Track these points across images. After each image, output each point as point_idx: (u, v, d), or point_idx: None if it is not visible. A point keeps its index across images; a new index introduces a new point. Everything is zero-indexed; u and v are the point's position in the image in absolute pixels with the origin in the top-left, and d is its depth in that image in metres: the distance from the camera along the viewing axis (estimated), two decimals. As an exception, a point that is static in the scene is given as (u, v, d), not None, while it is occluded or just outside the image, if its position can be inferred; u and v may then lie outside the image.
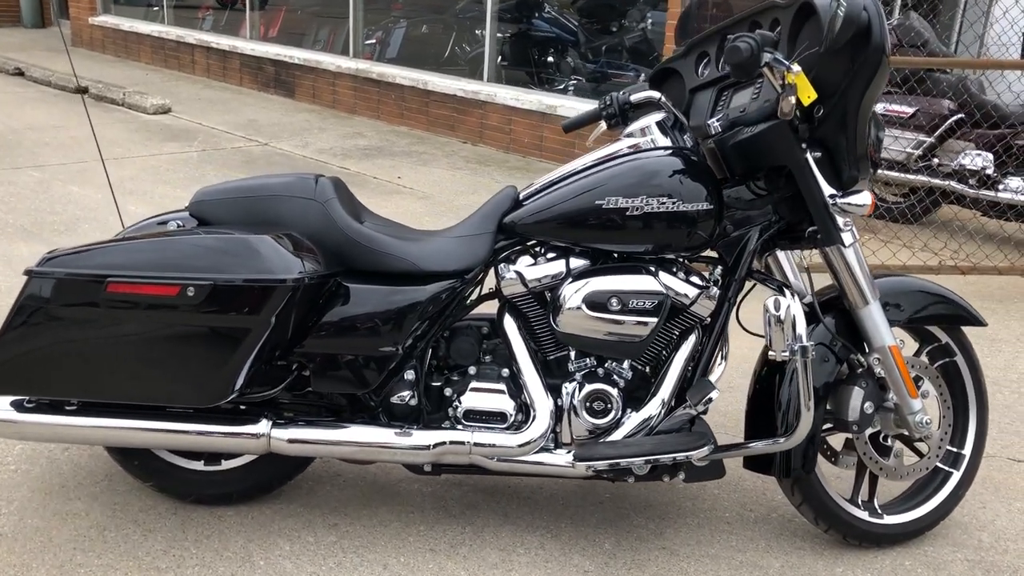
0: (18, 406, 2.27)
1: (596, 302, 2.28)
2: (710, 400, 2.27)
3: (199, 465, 2.52)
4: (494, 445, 2.31)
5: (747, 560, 2.44)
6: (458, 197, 6.02)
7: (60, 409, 2.27)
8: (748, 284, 2.44)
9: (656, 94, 2.54)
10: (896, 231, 5.65)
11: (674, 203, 2.25)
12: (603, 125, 2.68)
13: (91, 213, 5.21)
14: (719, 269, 2.40)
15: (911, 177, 5.59)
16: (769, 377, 2.43)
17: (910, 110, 5.58)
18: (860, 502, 2.49)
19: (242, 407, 2.36)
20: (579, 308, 2.28)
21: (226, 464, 2.52)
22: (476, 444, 2.31)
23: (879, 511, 2.51)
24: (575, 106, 6.93)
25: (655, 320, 2.27)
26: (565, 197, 2.31)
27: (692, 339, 2.38)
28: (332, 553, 2.38)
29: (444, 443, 2.31)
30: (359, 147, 7.39)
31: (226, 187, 2.40)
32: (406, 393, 2.36)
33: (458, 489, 2.70)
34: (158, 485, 2.52)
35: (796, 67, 2.01)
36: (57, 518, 2.46)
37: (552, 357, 2.44)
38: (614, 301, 2.27)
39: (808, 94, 2.02)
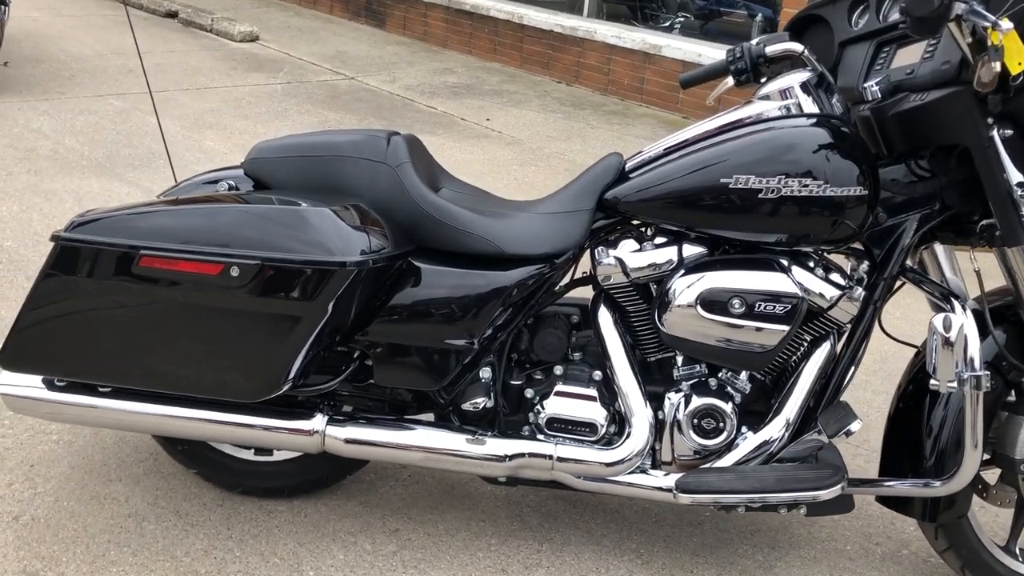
0: (49, 384, 2.02)
1: (714, 302, 1.89)
2: (849, 433, 1.87)
3: (249, 455, 2.25)
4: (581, 461, 1.97)
5: (873, 610, 2.07)
6: (549, 143, 5.61)
7: (95, 390, 2.02)
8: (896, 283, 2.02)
9: (798, 46, 2.08)
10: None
11: (819, 186, 1.83)
12: (729, 81, 2.25)
13: (168, 148, 4.97)
14: (864, 265, 1.98)
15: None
16: (917, 400, 2.01)
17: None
18: (1018, 551, 2.08)
19: (297, 397, 2.07)
20: (692, 307, 1.90)
21: (278, 455, 2.25)
22: (560, 459, 1.97)
23: (1041, 563, 2.09)
24: (681, 47, 6.39)
25: (786, 328, 1.87)
26: (682, 171, 1.91)
27: (826, 348, 1.98)
28: (391, 566, 2.10)
29: (523, 455, 1.98)
30: (448, 84, 7.01)
31: (286, 143, 2.07)
32: (481, 392, 2.02)
33: (536, 495, 2.38)
34: (204, 473, 2.27)
35: (1006, 24, 1.55)
36: (95, 502, 2.23)
37: (653, 359, 2.07)
38: (736, 302, 1.88)
39: (1020, 59, 1.56)
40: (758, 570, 2.16)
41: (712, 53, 6.17)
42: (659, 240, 1.99)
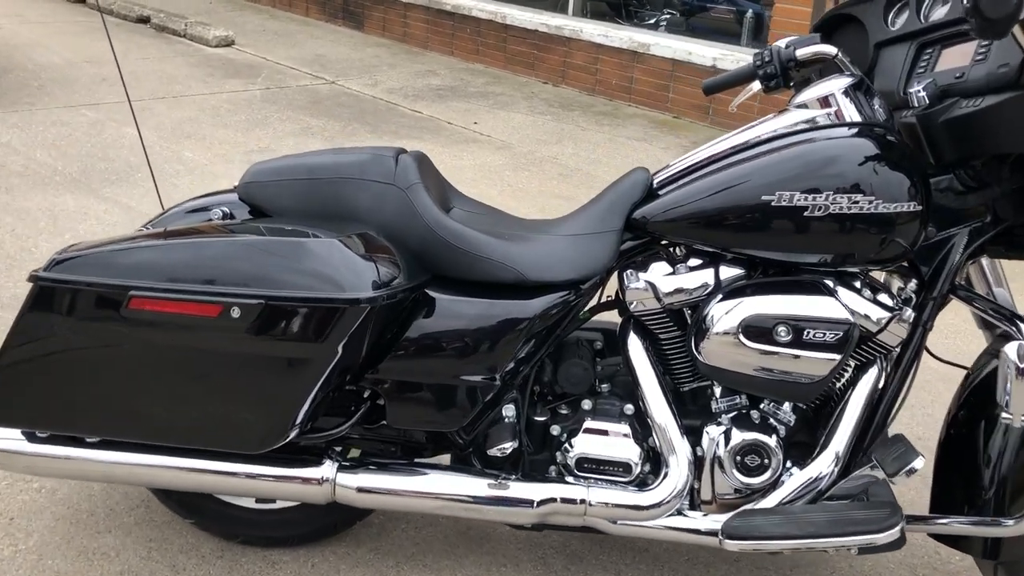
0: (29, 435, 1.84)
1: (757, 329, 1.74)
2: (912, 471, 1.72)
3: (250, 502, 2.08)
4: (616, 505, 1.82)
5: (929, 652, 1.93)
6: (541, 147, 5.45)
7: (81, 440, 1.84)
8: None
9: (831, 49, 1.93)
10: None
11: (871, 202, 1.68)
12: (755, 86, 2.10)
13: (146, 160, 4.78)
14: (912, 283, 1.84)
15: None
16: (970, 428, 1.88)
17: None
18: (1079, 586, 1.95)
19: (299, 443, 1.90)
20: (733, 336, 1.75)
21: (281, 503, 2.07)
22: (593, 503, 1.82)
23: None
24: (671, 44, 6.25)
25: (838, 357, 1.73)
26: (718, 188, 1.76)
27: (873, 373, 1.84)
28: (408, 621, 1.94)
29: (553, 500, 1.82)
30: (432, 87, 6.84)
31: (284, 165, 1.90)
32: (507, 435, 1.86)
33: (559, 534, 2.22)
34: (201, 524, 2.10)
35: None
36: (82, 559, 2.05)
37: (686, 389, 1.92)
38: (782, 330, 1.73)
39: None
40: (802, 611, 2.02)
41: (703, 51, 6.04)
42: (693, 262, 1.83)
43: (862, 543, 1.73)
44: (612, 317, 1.96)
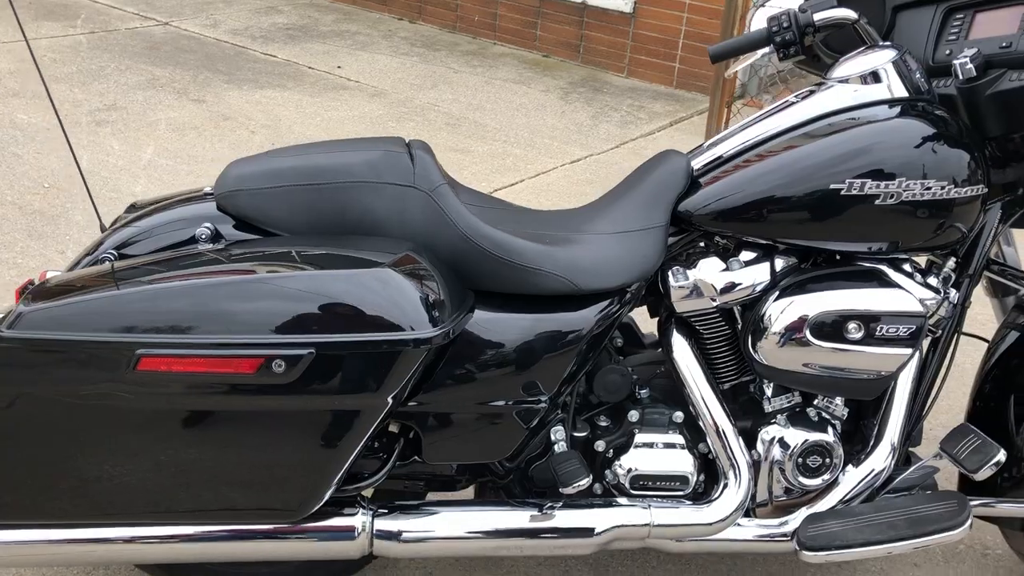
0: (-18, 522, 1.47)
1: (826, 326, 1.63)
2: (998, 464, 1.68)
3: (245, 555, 1.79)
4: (681, 524, 1.68)
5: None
6: (417, 93, 5.13)
7: (48, 519, 1.50)
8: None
9: (852, 13, 1.78)
10: None
11: (943, 187, 1.59)
12: (759, 52, 1.96)
13: (-31, 125, 4.10)
14: (951, 262, 1.79)
15: None
16: (999, 402, 1.87)
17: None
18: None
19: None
20: (800, 334, 1.63)
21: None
22: (657, 524, 1.68)
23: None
24: (536, -21, 6.01)
25: (910, 351, 1.65)
26: (774, 175, 1.62)
27: (916, 358, 1.78)
28: (449, 668, 1.75)
29: (617, 526, 1.66)
30: (278, 26, 6.28)
31: (275, 168, 1.58)
32: (573, 466, 1.64)
33: (578, 542, 2.07)
34: (186, 586, 1.80)
35: None
36: (44, 646, 1.71)
37: (728, 386, 1.80)
38: (853, 326, 1.63)
39: None
40: (837, 596, 1.99)
41: (571, -14, 5.85)
42: (745, 256, 1.69)
43: (941, 541, 1.69)
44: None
